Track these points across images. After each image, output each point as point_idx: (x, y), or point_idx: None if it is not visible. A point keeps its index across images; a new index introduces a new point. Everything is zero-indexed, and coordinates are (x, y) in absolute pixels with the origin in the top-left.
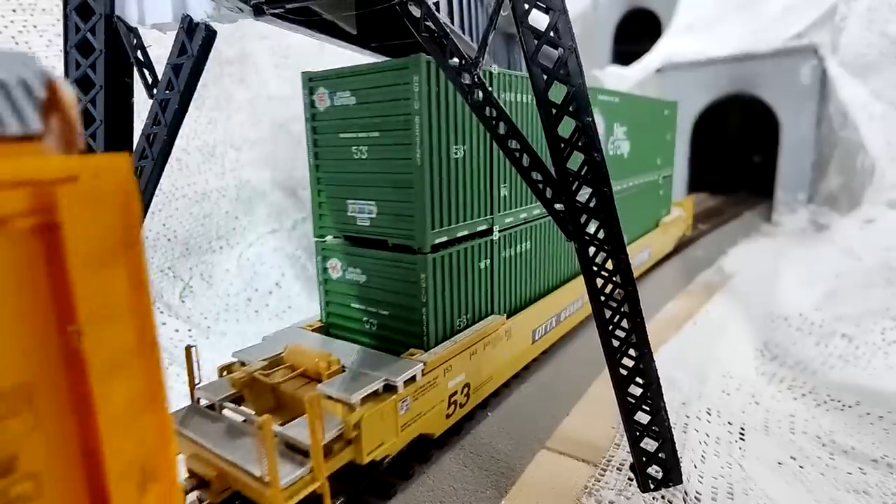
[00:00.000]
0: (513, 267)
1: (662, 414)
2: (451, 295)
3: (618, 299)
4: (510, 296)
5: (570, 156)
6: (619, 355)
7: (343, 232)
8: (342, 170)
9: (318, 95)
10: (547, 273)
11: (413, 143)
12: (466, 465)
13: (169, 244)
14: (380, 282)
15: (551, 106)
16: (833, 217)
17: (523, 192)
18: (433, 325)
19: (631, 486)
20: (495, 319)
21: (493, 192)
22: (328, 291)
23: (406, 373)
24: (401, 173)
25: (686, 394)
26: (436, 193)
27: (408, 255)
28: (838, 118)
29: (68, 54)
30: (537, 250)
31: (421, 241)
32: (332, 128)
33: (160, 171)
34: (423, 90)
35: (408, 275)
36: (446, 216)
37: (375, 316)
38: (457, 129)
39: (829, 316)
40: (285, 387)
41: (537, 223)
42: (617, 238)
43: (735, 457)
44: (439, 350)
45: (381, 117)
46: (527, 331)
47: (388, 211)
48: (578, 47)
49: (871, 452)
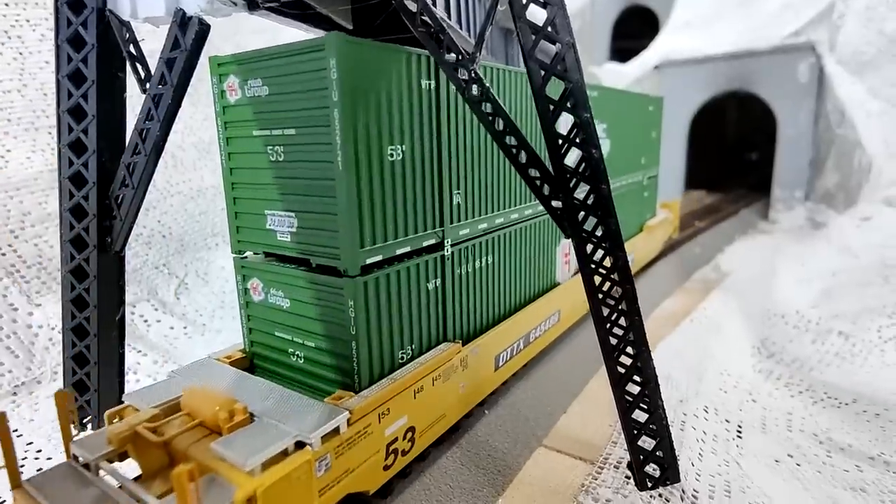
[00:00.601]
0: (470, 286)
1: (660, 412)
2: (390, 323)
3: (615, 297)
4: (467, 319)
5: (567, 152)
6: (617, 353)
7: (263, 248)
8: (258, 174)
9: (229, 84)
10: (513, 290)
11: (333, 144)
12: (464, 463)
13: (164, 241)
14: (304, 307)
15: (549, 102)
16: (830, 215)
17: (483, 199)
18: (366, 361)
19: (628, 485)
20: (448, 348)
21: (442, 200)
22: (250, 317)
23: (325, 425)
24: (321, 179)
25: (683, 391)
26: (365, 204)
27: (333, 279)
28: (836, 116)
29: (59, 48)
30: (501, 264)
31: (347, 261)
32: (245, 124)
33: (153, 167)
34: (345, 77)
35: (333, 301)
36: (381, 231)
37: (301, 347)
38: (392, 126)
39: (825, 313)
40: (178, 442)
41: (501, 233)
42: (615, 235)
43: (732, 454)
44: (374, 391)
45: (297, 111)
46: (488, 357)
47: (309, 225)
48: (576, 43)
49: (868, 450)
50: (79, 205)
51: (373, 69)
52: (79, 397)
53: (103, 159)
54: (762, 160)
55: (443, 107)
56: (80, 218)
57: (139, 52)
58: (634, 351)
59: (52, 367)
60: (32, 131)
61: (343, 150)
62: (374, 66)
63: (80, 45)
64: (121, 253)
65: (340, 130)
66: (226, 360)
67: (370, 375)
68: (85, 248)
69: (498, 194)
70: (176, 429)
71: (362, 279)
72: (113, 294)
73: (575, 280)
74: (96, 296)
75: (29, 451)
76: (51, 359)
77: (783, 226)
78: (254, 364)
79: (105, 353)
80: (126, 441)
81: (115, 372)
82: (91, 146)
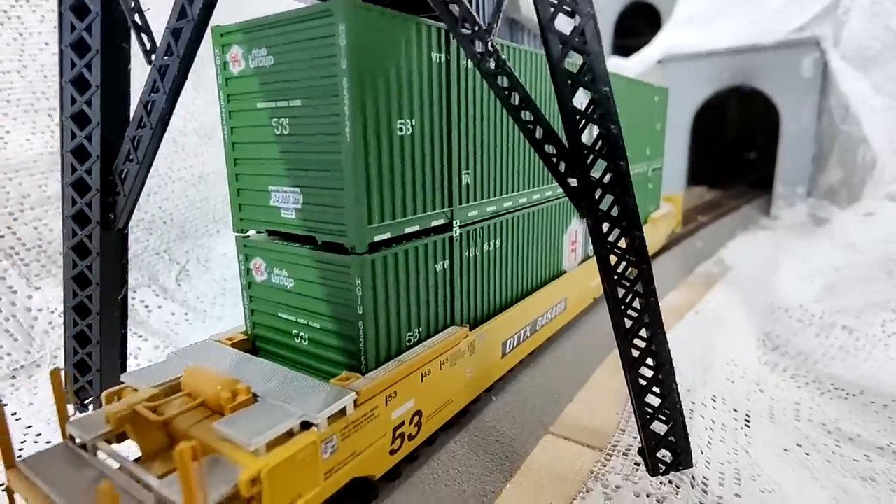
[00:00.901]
0: (478, 269)
1: (674, 396)
2: (398, 304)
3: (631, 278)
4: (475, 303)
5: (584, 128)
6: (631, 336)
7: (266, 226)
8: (262, 149)
9: (232, 55)
10: (520, 275)
11: (342, 115)
12: (472, 448)
13: (165, 226)
14: (309, 287)
15: (567, 76)
16: (832, 211)
17: (493, 180)
18: (373, 341)
19: (638, 471)
20: (456, 332)
21: (451, 179)
22: (252, 297)
23: (332, 406)
24: (328, 153)
25: (690, 381)
26: (374, 179)
27: (339, 256)
28: (839, 111)
29: (62, 16)
30: (509, 249)
31: (355, 238)
32: (249, 96)
33: (158, 141)
34: (354, 44)
35: (340, 280)
36: (389, 208)
37: (306, 329)
38: (402, 99)
39: (829, 308)
40: (178, 422)
41: (509, 217)
42: (632, 215)
43: (741, 443)
44: (381, 373)
45: (303, 81)
46: (495, 343)
47: (316, 201)
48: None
49: (877, 440)
50: (81, 179)
51: (383, 38)
52: (80, 377)
53: (107, 132)
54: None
55: (453, 82)
56: (82, 193)
57: (144, 22)
58: (649, 333)
59: (52, 351)
60: (32, 113)
61: (351, 122)
62: (384, 35)
63: (83, 13)
64: (124, 230)
65: (349, 101)
66: (227, 342)
67: (377, 357)
68: (87, 224)
69: (508, 176)
70: (176, 409)
71: (370, 257)
72: (115, 272)
73: (581, 269)
74: (98, 273)
75: (28, 434)
76: (50, 342)
77: (785, 222)
78: (256, 346)
79: (107, 332)
80: (124, 421)
81: (117, 352)
82: (94, 118)
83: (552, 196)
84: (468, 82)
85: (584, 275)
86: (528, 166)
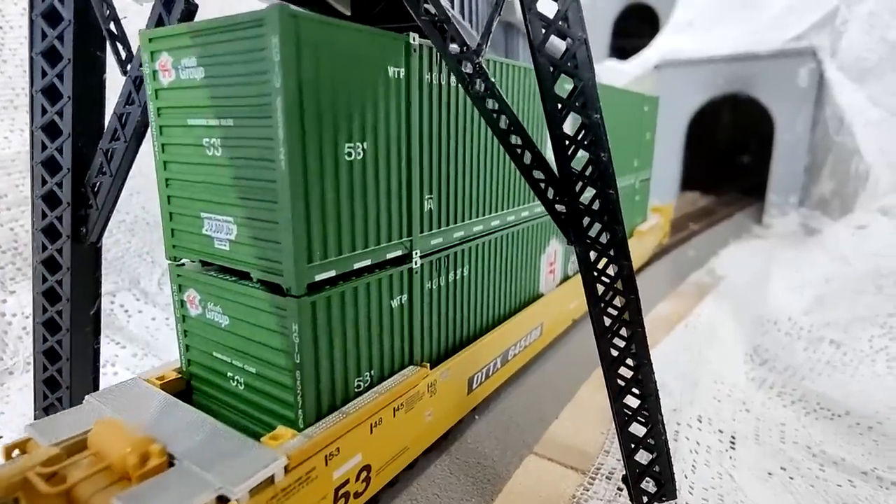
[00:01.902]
0: (442, 301)
1: (659, 427)
2: (344, 348)
3: (618, 307)
4: (437, 339)
5: (574, 154)
6: (617, 365)
7: (199, 256)
8: (194, 171)
9: (161, 63)
10: (491, 303)
11: (275, 139)
12: (452, 471)
13: (148, 228)
14: (245, 327)
15: (557, 100)
16: (824, 222)
17: (460, 204)
18: (313, 393)
19: (620, 497)
20: (414, 373)
21: (411, 206)
22: (187, 332)
23: (255, 475)
24: (262, 181)
25: (678, 399)
26: (315, 211)
27: (274, 297)
28: (834, 122)
29: (33, 23)
30: (479, 276)
31: (291, 278)
32: (179, 111)
33: (133, 155)
34: (290, 59)
35: (275, 323)
36: (335, 242)
37: (242, 372)
38: (351, 120)
39: (817, 321)
40: (80, 490)
41: (479, 242)
42: (621, 243)
43: (726, 466)
44: (321, 428)
45: (235, 98)
46: (460, 380)
47: (250, 233)
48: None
49: (862, 464)
50: (52, 192)
51: (327, 52)
52: (49, 394)
53: (79, 144)
54: (754, 164)
55: (414, 99)
56: (53, 206)
57: (120, 31)
58: (635, 363)
59: (26, 358)
60: (11, 110)
61: (287, 147)
62: (329, 48)
63: (55, 20)
64: (97, 244)
65: (284, 123)
66: (157, 382)
67: (318, 409)
68: (58, 239)
69: (478, 199)
70: (80, 473)
71: (309, 299)
72: (88, 287)
73: (560, 290)
74: (69, 289)
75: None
76: (24, 349)
77: (777, 231)
78: (191, 386)
79: (78, 348)
80: (15, 489)
81: (89, 368)
82: (66, 129)
83: (528, 217)
84: (431, 98)
85: (562, 297)
86: (502, 186)
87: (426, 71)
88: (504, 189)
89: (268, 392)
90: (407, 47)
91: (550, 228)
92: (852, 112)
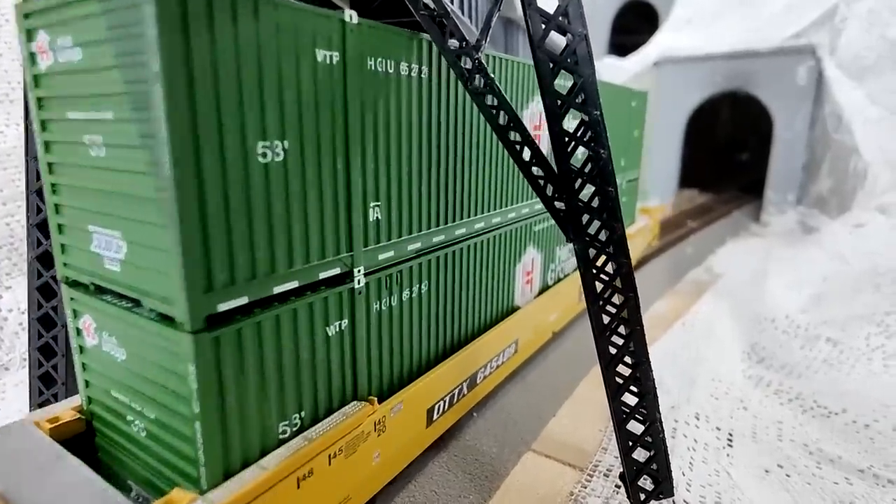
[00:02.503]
0: (394, 324)
1: (657, 425)
2: (263, 390)
3: (617, 305)
4: (389, 367)
5: (574, 151)
6: (616, 363)
7: (90, 276)
8: (79, 175)
9: (39, 44)
10: (456, 323)
11: (157, 137)
12: (450, 468)
13: None
14: (142, 364)
15: (557, 97)
16: (822, 220)
17: (416, 211)
18: (218, 447)
19: (618, 495)
20: (356, 410)
21: (352, 215)
22: (85, 365)
23: None
24: (147, 189)
25: (675, 397)
26: (216, 226)
27: (168, 331)
28: (833, 120)
29: None
30: (441, 293)
31: (183, 310)
32: (61, 101)
33: None
34: (174, 36)
35: (171, 363)
36: (246, 264)
37: (141, 417)
38: (266, 112)
39: (814, 319)
40: None
41: (441, 254)
42: (620, 240)
43: (723, 464)
44: (230, 490)
45: (115, 86)
46: (417, 412)
47: (140, 252)
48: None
49: (858, 462)
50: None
51: (227, 27)
52: (45, 390)
53: None
54: (753, 162)
55: (353, 89)
56: None
57: None
58: (634, 361)
59: (22, 354)
60: (7, 103)
61: (172, 147)
62: (231, 22)
63: None
64: None
65: (167, 118)
66: (48, 425)
67: (226, 466)
68: None
69: (437, 205)
70: None
71: (210, 335)
72: None
73: (538, 302)
74: None
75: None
76: (21, 344)
77: (775, 229)
78: (93, 428)
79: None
80: None
81: None
82: None
83: (501, 223)
84: (377, 89)
85: (541, 308)
86: (469, 190)
87: (369, 56)
88: (471, 193)
89: (168, 443)
90: (343, 27)
91: (527, 235)
92: (851, 110)
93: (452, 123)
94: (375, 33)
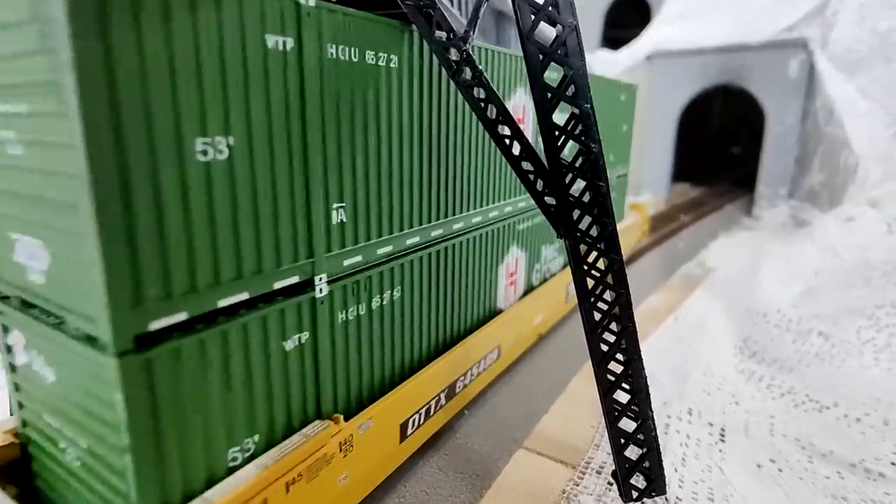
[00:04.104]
0: (363, 335)
1: (649, 423)
2: (207, 414)
3: (608, 301)
4: (358, 381)
5: (564, 145)
6: (607, 360)
7: (14, 290)
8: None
9: None
10: (433, 329)
11: (70, 131)
12: (441, 468)
13: None
14: (71, 388)
15: (547, 90)
16: (814, 213)
17: (387, 211)
18: (154, 480)
19: (610, 492)
20: (318, 431)
21: (311, 217)
22: (18, 386)
23: None
24: (65, 191)
25: (667, 393)
26: (146, 232)
27: (92, 353)
28: (824, 114)
29: None
30: (415, 299)
31: (106, 328)
32: None
33: None
34: (88, 18)
35: (96, 389)
36: (184, 273)
37: (73, 445)
38: (206, 105)
39: (806, 313)
40: None
41: (415, 257)
42: (611, 235)
43: (715, 459)
44: None
45: (25, 75)
46: (389, 429)
47: (62, 262)
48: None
49: (849, 456)
50: None
51: (158, 9)
52: None
53: None
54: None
55: (310, 79)
56: None
57: None
58: (625, 358)
59: None
60: None
61: (88, 145)
62: (159, 6)
63: None
64: None
65: (80, 111)
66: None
67: (163, 501)
68: None
69: (411, 206)
70: None
71: (140, 357)
72: None
73: (522, 304)
74: None
75: None
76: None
77: (766, 223)
78: (29, 454)
79: None
80: None
81: None
82: None
83: (482, 223)
84: (340, 79)
85: (525, 311)
86: (446, 188)
87: (329, 43)
88: (449, 191)
89: (100, 475)
90: (297, 10)
91: (510, 234)
92: (842, 104)
93: (426, 116)
94: (336, 18)
